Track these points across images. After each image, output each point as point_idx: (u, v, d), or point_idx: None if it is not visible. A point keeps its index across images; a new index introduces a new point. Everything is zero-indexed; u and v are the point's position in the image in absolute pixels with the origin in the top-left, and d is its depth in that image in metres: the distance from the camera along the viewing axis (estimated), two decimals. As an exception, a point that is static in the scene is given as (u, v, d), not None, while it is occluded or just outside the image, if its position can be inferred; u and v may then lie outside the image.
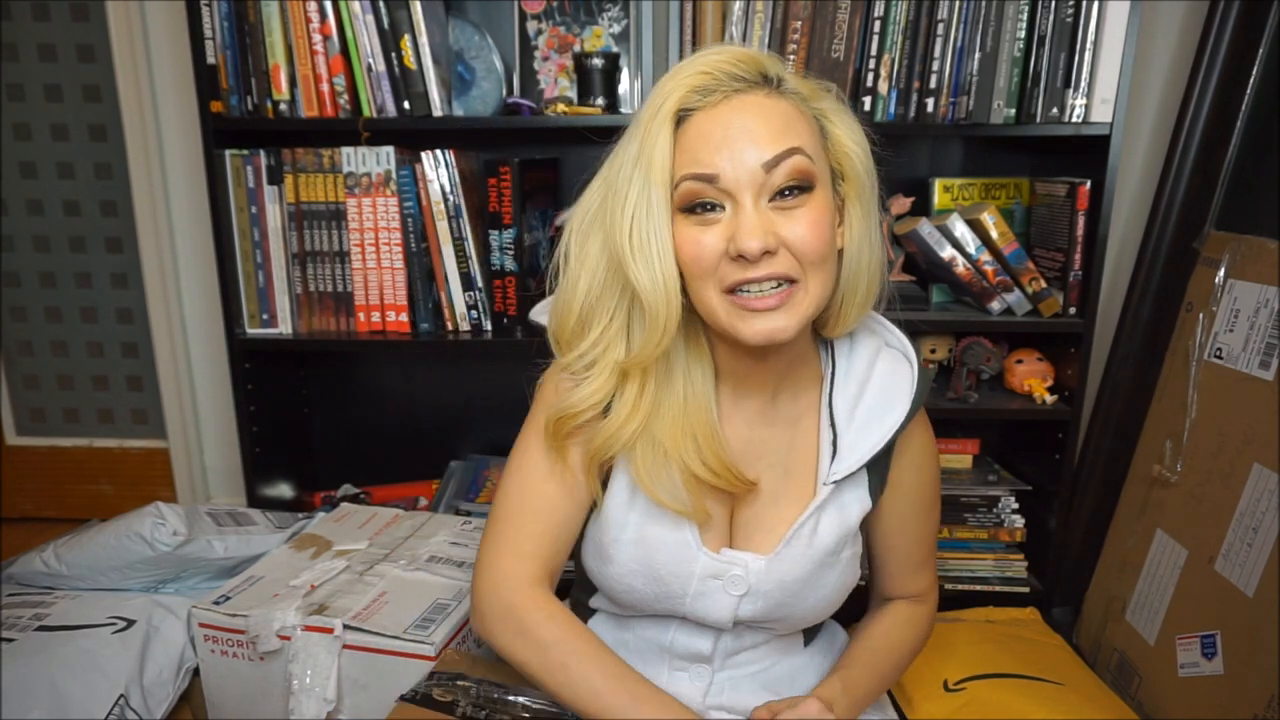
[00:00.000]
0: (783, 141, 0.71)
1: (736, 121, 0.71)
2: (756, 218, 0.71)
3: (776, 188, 0.72)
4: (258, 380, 1.65)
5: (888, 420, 0.84)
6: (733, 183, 0.72)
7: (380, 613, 1.14)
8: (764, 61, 0.74)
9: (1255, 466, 1.25)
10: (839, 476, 0.83)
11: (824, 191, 0.74)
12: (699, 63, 0.73)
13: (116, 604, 1.31)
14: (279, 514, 1.53)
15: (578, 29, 1.69)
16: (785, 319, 0.74)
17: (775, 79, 0.75)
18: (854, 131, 0.78)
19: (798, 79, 0.77)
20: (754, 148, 0.71)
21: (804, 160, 0.72)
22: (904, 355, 0.88)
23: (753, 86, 0.73)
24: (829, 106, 0.77)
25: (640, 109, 0.76)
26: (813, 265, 0.73)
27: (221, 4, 1.47)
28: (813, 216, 0.73)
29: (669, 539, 0.83)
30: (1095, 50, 1.43)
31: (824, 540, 0.84)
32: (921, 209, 1.68)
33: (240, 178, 1.54)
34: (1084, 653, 1.54)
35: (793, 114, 0.74)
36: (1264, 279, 1.30)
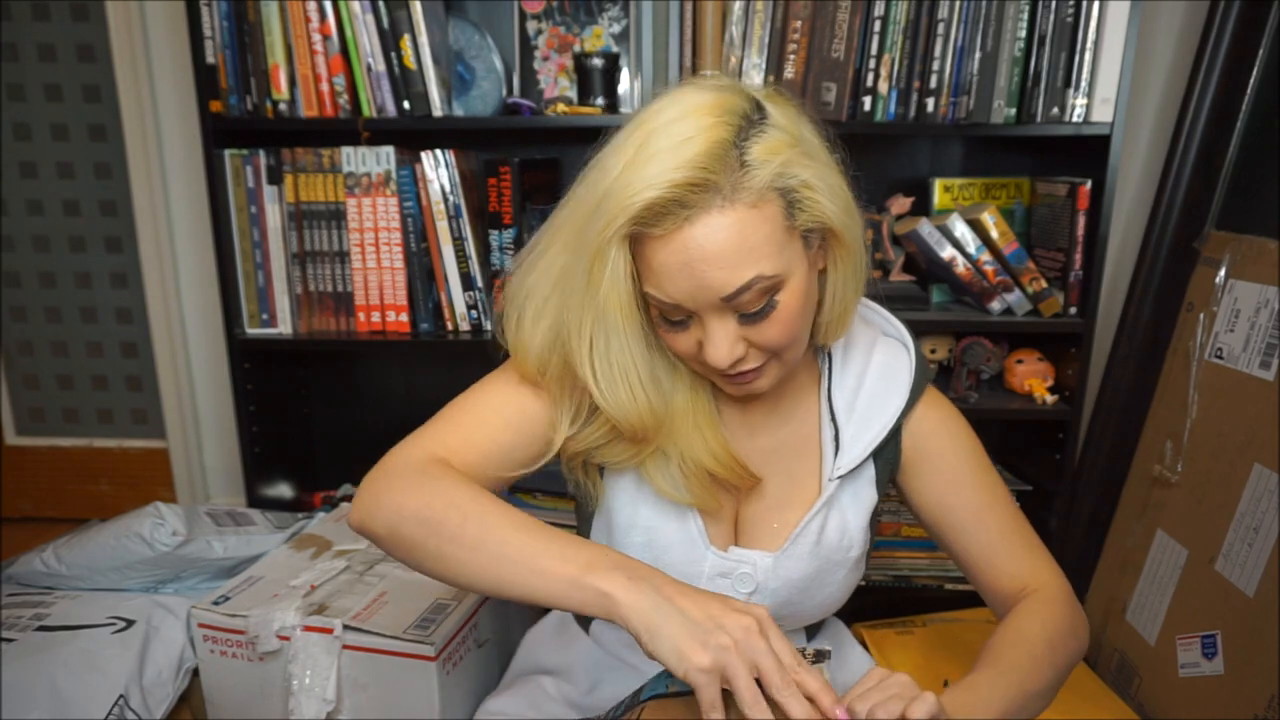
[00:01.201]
0: (740, 273, 0.67)
1: (692, 250, 0.66)
2: (722, 333, 0.70)
3: (741, 310, 0.70)
4: (258, 380, 1.65)
5: (889, 409, 0.83)
6: (695, 307, 0.70)
7: (380, 613, 1.14)
8: (711, 167, 0.65)
9: (1255, 466, 1.25)
10: (843, 471, 0.82)
11: (796, 277, 0.70)
12: (645, 182, 0.65)
13: (116, 604, 1.31)
14: (279, 514, 1.53)
15: (578, 29, 1.69)
16: (765, 382, 0.76)
17: (729, 186, 0.66)
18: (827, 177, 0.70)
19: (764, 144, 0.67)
20: (711, 282, 0.67)
21: (765, 282, 0.68)
22: (901, 342, 0.88)
23: (704, 206, 0.65)
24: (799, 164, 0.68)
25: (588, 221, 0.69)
26: (786, 348, 0.73)
27: (221, 4, 1.47)
28: (784, 315, 0.70)
29: (677, 539, 0.83)
30: (1095, 50, 1.43)
31: (831, 537, 0.83)
32: (921, 209, 1.68)
33: (240, 178, 1.54)
34: (1084, 653, 1.54)
35: (749, 226, 0.66)
36: (1264, 279, 1.30)
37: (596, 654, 0.95)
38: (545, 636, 1.02)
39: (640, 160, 0.66)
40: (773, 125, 0.68)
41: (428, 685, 1.09)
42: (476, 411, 0.81)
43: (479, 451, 0.78)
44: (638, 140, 0.67)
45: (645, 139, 0.66)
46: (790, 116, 0.71)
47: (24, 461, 2.11)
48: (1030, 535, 0.87)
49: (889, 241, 1.66)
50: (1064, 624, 0.81)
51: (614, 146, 0.69)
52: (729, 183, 0.65)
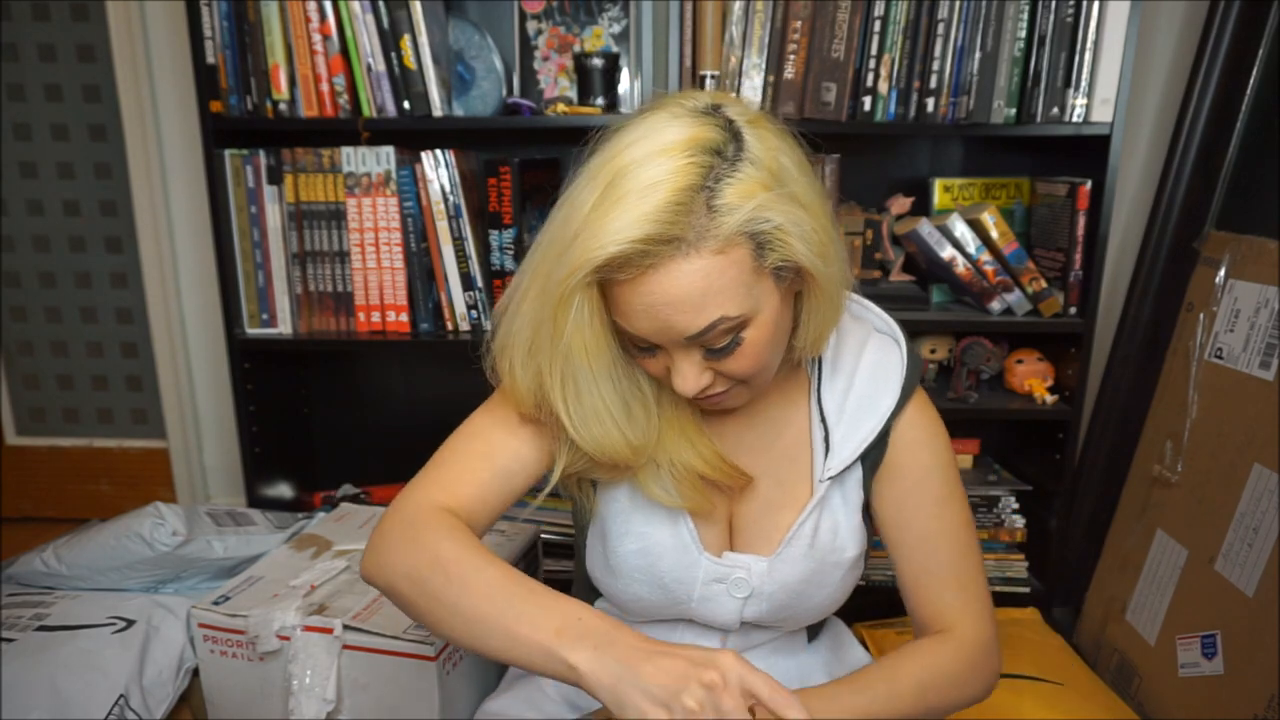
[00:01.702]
0: (703, 316, 0.67)
1: (657, 294, 0.66)
2: (688, 367, 0.71)
3: (707, 346, 0.70)
4: (258, 380, 1.65)
5: (879, 409, 0.82)
6: (661, 343, 0.70)
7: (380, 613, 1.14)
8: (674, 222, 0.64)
9: (1255, 466, 1.25)
10: (833, 472, 0.82)
11: (765, 312, 0.70)
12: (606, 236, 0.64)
13: (116, 604, 1.31)
14: (279, 514, 1.53)
15: (578, 29, 1.69)
16: (733, 403, 0.77)
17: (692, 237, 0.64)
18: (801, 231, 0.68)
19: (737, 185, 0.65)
20: (675, 323, 0.67)
21: (730, 322, 0.68)
22: (892, 339, 0.86)
23: (667, 255, 0.64)
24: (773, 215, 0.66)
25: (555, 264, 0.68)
26: (754, 376, 0.74)
27: (221, 4, 1.47)
28: (750, 351, 0.71)
29: (670, 545, 0.82)
30: (1095, 50, 1.43)
31: (825, 539, 0.83)
32: (921, 209, 1.68)
33: (240, 178, 1.54)
34: (1084, 653, 1.54)
35: (714, 272, 0.65)
36: (1264, 279, 1.30)
37: None
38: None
39: (606, 205, 0.64)
40: (748, 162, 0.66)
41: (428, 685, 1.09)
42: (473, 448, 0.82)
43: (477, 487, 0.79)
44: (606, 178, 0.65)
45: (613, 179, 0.65)
46: (769, 148, 0.68)
47: (24, 461, 2.11)
48: (970, 574, 0.85)
49: (889, 241, 1.66)
50: (949, 672, 0.81)
51: (584, 181, 0.68)
52: (694, 231, 0.64)
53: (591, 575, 0.89)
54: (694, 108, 0.68)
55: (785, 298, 0.72)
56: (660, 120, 0.67)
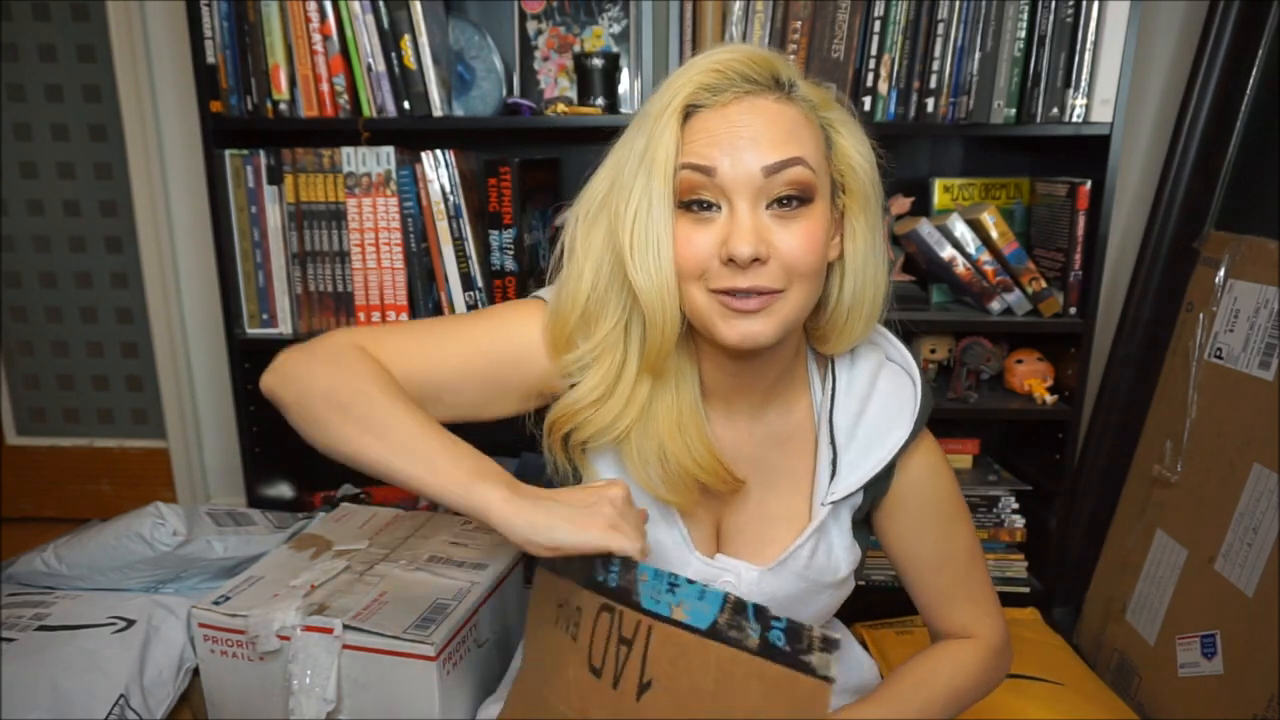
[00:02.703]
0: (786, 149, 0.70)
1: (742, 121, 0.70)
2: (750, 222, 0.70)
3: (774, 195, 0.71)
4: (258, 380, 1.65)
5: (889, 440, 0.82)
6: (730, 181, 0.70)
7: (380, 613, 1.14)
8: (777, 65, 0.73)
9: (1255, 466, 1.25)
10: (836, 497, 0.82)
11: (822, 205, 0.74)
12: (712, 59, 0.72)
13: (116, 604, 1.31)
14: (279, 514, 1.53)
15: (578, 29, 1.69)
16: (764, 324, 0.73)
17: (788, 83, 0.74)
18: (861, 144, 0.77)
19: (810, 86, 0.76)
20: (756, 151, 0.70)
21: (805, 171, 0.71)
22: (906, 372, 0.86)
23: (763, 89, 0.72)
24: (838, 118, 0.77)
25: (648, 101, 0.74)
26: (801, 277, 0.73)
27: (221, 4, 1.47)
28: (808, 228, 0.72)
29: (662, 540, 0.83)
30: (1095, 50, 1.43)
31: (820, 561, 0.83)
32: (921, 209, 1.68)
33: (240, 178, 1.54)
34: (1084, 653, 1.54)
35: (800, 122, 0.73)
36: (1264, 279, 1.30)
37: None
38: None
39: (700, 58, 0.72)
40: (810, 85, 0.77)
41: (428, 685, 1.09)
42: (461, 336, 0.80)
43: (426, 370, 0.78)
44: (687, 62, 0.73)
45: (696, 59, 0.73)
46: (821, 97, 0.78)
47: (24, 461, 2.11)
48: (980, 587, 0.89)
49: (889, 241, 1.66)
50: (977, 675, 0.87)
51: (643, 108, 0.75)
52: (786, 85, 0.73)
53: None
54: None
55: (831, 230, 0.76)
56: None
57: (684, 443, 0.78)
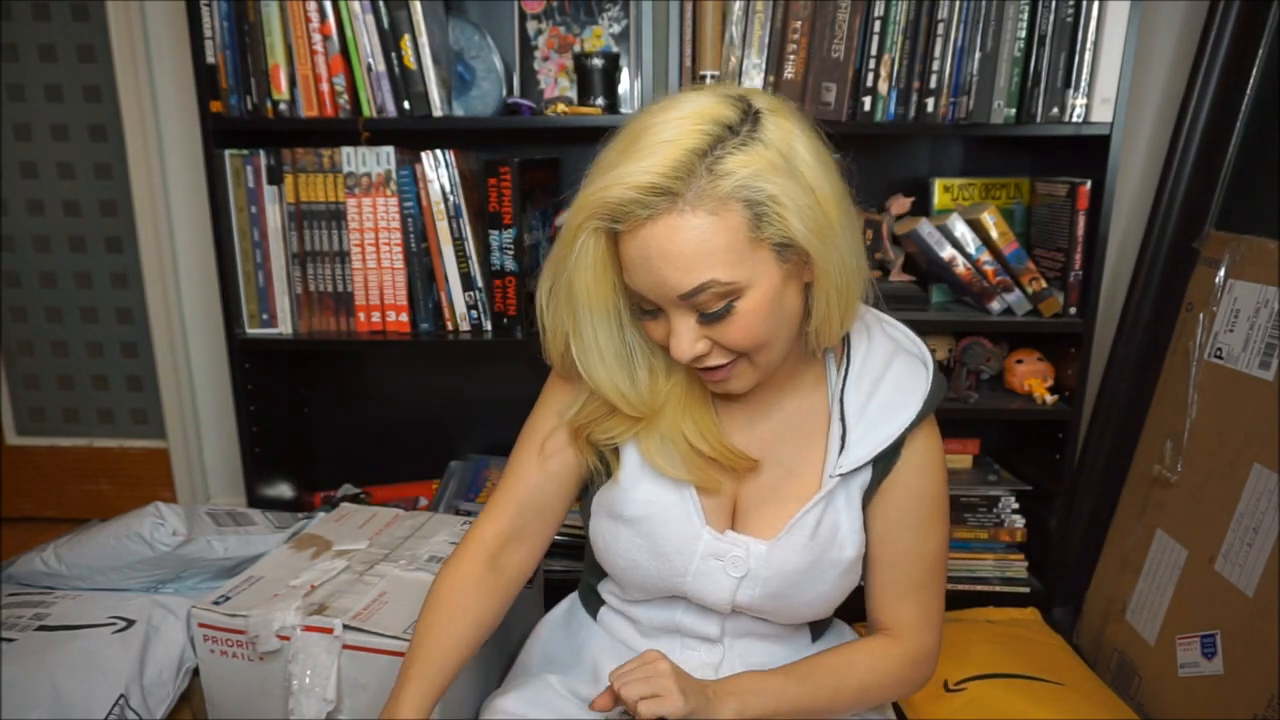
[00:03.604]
0: (693, 276, 0.70)
1: (652, 248, 0.71)
2: (683, 329, 0.74)
3: (699, 309, 0.73)
4: (258, 380, 1.65)
5: (898, 418, 0.84)
6: (657, 299, 0.74)
7: (380, 613, 1.14)
8: (675, 172, 0.68)
9: (1255, 466, 1.25)
10: (845, 469, 0.84)
11: (758, 287, 0.72)
12: (602, 194, 0.70)
13: (116, 604, 1.31)
14: (279, 514, 1.53)
15: (578, 29, 1.69)
16: (737, 383, 0.79)
17: (693, 191, 0.69)
18: (799, 205, 0.70)
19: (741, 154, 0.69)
20: (666, 280, 0.71)
21: (721, 287, 0.71)
22: (921, 360, 0.89)
23: (662, 211, 0.69)
24: (769, 186, 0.70)
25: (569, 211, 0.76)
26: (754, 350, 0.76)
27: (221, 4, 1.47)
28: (744, 320, 0.73)
29: (675, 514, 0.85)
30: (1095, 50, 1.43)
31: (826, 533, 0.85)
32: (921, 209, 1.68)
33: (240, 178, 1.54)
34: (1084, 653, 1.54)
35: (707, 232, 0.69)
36: (1264, 279, 1.30)
37: (603, 641, 0.97)
38: (555, 624, 1.04)
39: (622, 158, 0.71)
40: (759, 141, 0.70)
41: (428, 685, 1.08)
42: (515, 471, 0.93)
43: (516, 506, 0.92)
44: (629, 137, 0.72)
45: (634, 137, 0.71)
46: (785, 132, 0.72)
47: (24, 461, 2.11)
48: (932, 595, 0.91)
49: (889, 241, 1.66)
50: (891, 677, 0.89)
51: (613, 140, 0.74)
52: (692, 190, 0.69)
53: (594, 547, 0.92)
54: (723, 92, 0.74)
55: (791, 278, 0.75)
56: (689, 95, 0.74)
57: (693, 426, 0.83)
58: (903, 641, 0.90)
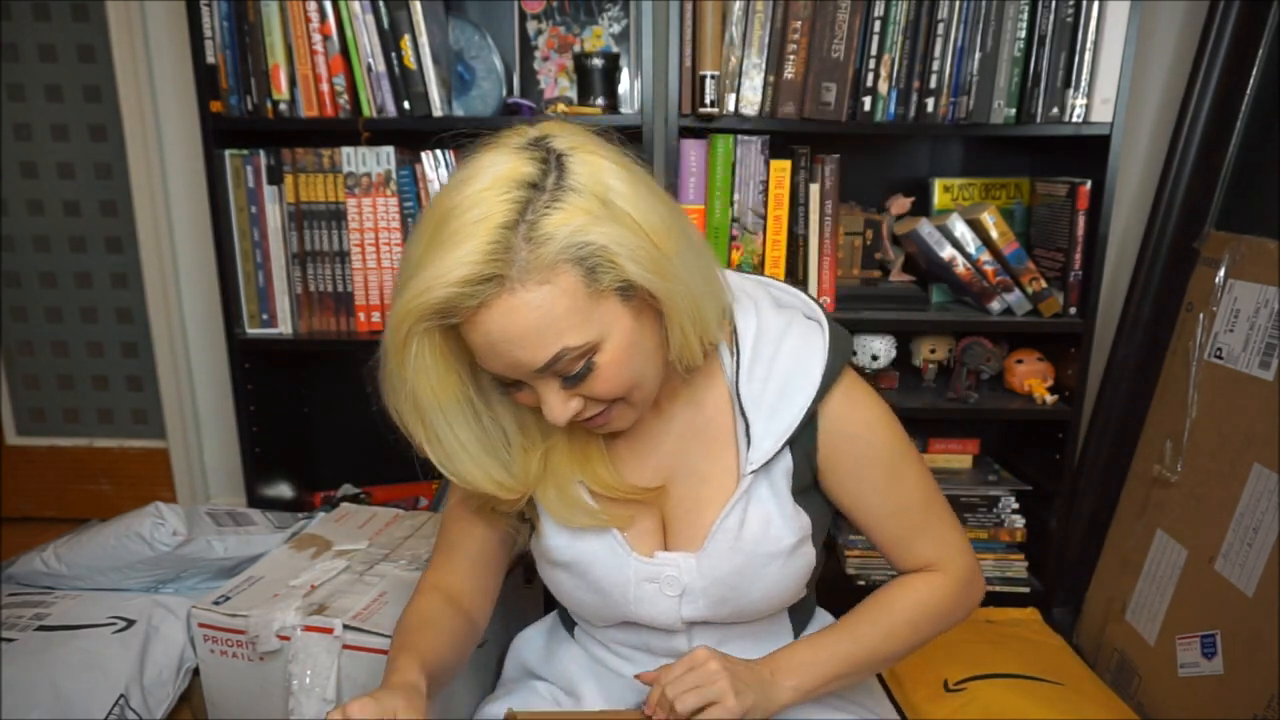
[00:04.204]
0: (544, 350, 0.68)
1: (494, 333, 0.67)
2: (551, 397, 0.72)
3: (561, 374, 0.71)
4: (258, 380, 1.65)
5: (799, 398, 0.80)
6: (517, 377, 0.71)
7: (380, 613, 1.14)
8: (495, 256, 0.65)
9: (1255, 466, 1.25)
10: (755, 465, 0.81)
11: (615, 336, 0.70)
12: (424, 296, 0.65)
13: (116, 604, 1.31)
14: (279, 514, 1.53)
15: (578, 29, 1.69)
16: (619, 424, 0.78)
17: (516, 268, 0.65)
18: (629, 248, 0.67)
19: (556, 213, 0.66)
20: (520, 359, 0.68)
21: (574, 351, 0.68)
22: (815, 321, 0.84)
23: (491, 297, 0.66)
24: (595, 238, 0.66)
25: (388, 327, 0.70)
26: (626, 394, 0.74)
27: (221, 4, 1.47)
28: (607, 374, 0.71)
29: (600, 551, 0.84)
30: (1095, 50, 1.43)
31: (754, 530, 0.82)
32: (921, 209, 1.68)
33: (240, 178, 1.54)
34: (1084, 653, 1.54)
35: (544, 304, 0.66)
36: (1264, 279, 1.30)
37: (580, 658, 0.96)
38: (535, 639, 1.03)
39: (430, 250, 0.66)
40: (569, 190, 0.66)
41: (428, 685, 1.09)
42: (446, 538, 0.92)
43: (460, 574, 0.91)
44: (433, 223, 0.67)
45: (438, 223, 0.66)
46: (593, 169, 0.68)
47: (24, 461, 2.11)
48: (939, 523, 0.88)
49: (889, 241, 1.66)
50: (940, 606, 0.86)
51: (418, 226, 0.70)
52: (516, 267, 0.65)
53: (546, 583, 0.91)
54: (518, 143, 0.69)
55: (642, 315, 0.72)
56: (484, 160, 0.68)
57: (592, 477, 0.82)
58: (941, 571, 0.87)
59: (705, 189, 1.51)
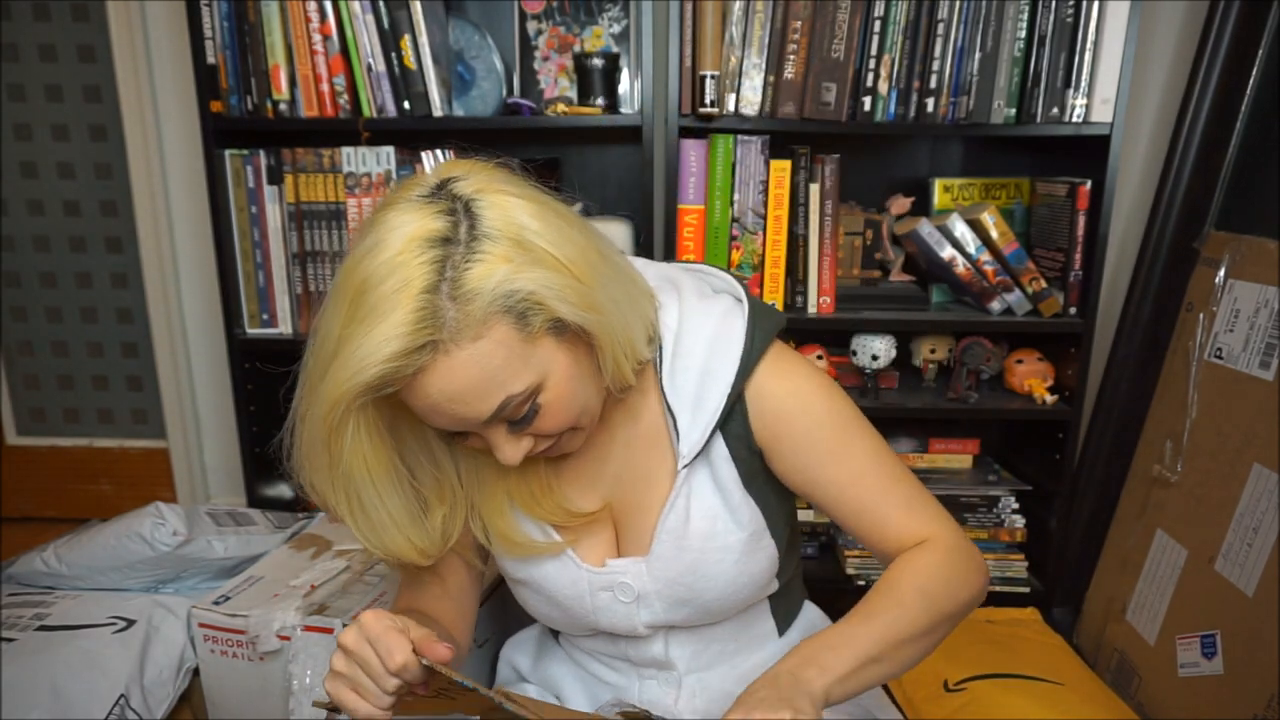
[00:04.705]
0: (488, 402, 0.67)
1: (435, 396, 0.66)
2: (502, 441, 0.71)
3: (508, 420, 0.70)
4: (258, 380, 1.65)
5: (721, 382, 0.78)
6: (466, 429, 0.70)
7: (380, 613, 1.14)
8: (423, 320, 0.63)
9: (1255, 466, 1.25)
10: (687, 459, 0.79)
11: (555, 373, 0.69)
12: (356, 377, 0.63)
13: (116, 604, 1.31)
14: (279, 514, 1.53)
15: (578, 29, 1.69)
16: (570, 447, 0.78)
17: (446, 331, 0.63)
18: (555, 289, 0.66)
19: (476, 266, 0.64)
20: (464, 414, 0.67)
21: (517, 398, 0.68)
22: (734, 298, 0.82)
23: (426, 362, 0.64)
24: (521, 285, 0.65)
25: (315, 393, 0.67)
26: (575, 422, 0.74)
27: (221, 4, 1.47)
28: (553, 410, 0.71)
29: (550, 566, 0.84)
30: (1095, 50, 1.43)
31: (699, 526, 0.80)
32: (921, 209, 1.68)
33: (240, 178, 1.54)
34: (1084, 653, 1.54)
35: (481, 359, 0.65)
36: (1264, 279, 1.30)
37: (566, 663, 0.96)
38: (526, 643, 1.03)
39: (352, 327, 0.64)
40: (484, 238, 0.65)
41: (428, 685, 1.09)
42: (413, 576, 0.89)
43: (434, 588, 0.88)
44: (348, 296, 0.65)
45: (355, 297, 0.64)
46: (505, 212, 0.66)
47: (24, 461, 2.11)
48: (910, 492, 0.81)
49: (889, 241, 1.66)
50: (941, 572, 0.77)
51: (332, 300, 0.67)
52: (446, 330, 0.63)
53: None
54: (421, 195, 0.67)
55: (576, 347, 0.71)
56: (390, 220, 0.65)
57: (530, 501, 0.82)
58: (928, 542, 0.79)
59: (705, 189, 1.51)
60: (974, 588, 0.80)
